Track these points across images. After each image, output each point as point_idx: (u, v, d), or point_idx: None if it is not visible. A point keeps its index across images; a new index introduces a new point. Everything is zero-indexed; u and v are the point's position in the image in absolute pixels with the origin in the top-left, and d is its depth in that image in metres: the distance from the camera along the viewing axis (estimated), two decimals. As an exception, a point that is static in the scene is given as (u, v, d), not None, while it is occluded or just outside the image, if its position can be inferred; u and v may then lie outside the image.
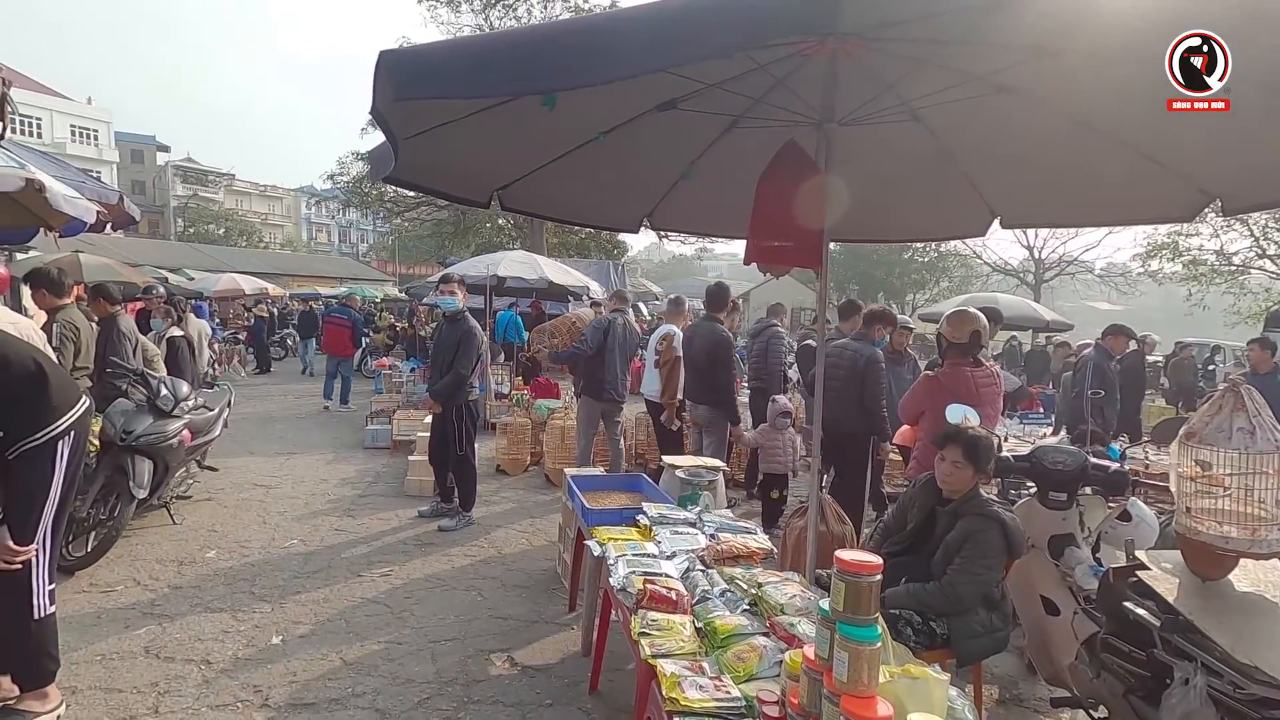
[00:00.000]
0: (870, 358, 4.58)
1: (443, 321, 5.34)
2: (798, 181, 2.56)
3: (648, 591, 2.42)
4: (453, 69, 1.45)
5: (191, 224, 45.95)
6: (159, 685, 2.97)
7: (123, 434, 4.33)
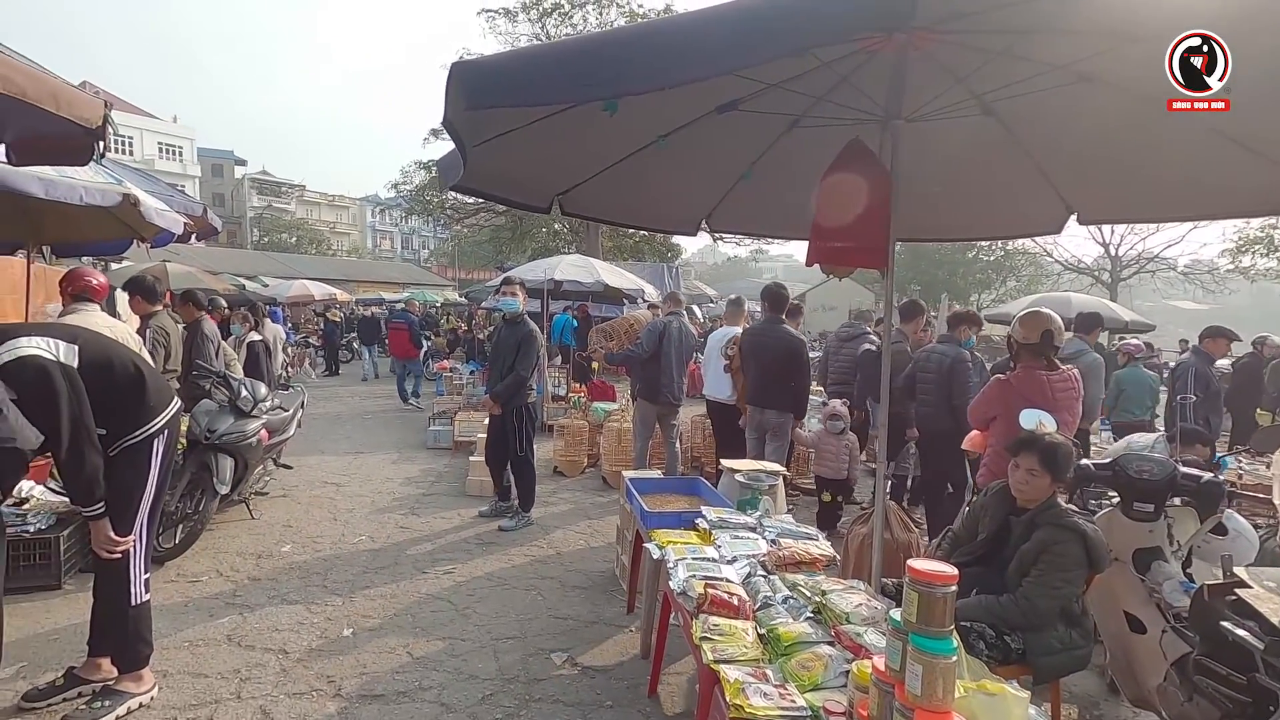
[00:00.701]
0: (956, 358, 4.72)
1: (501, 324, 5.38)
2: (862, 180, 2.50)
3: (709, 596, 2.40)
4: (523, 77, 1.49)
5: (266, 233, 48.35)
6: (241, 672, 3.12)
7: (207, 432, 4.58)
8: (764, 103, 2.78)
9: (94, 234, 5.77)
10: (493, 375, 5.38)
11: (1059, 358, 3.66)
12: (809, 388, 5.12)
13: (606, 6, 19.80)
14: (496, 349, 5.35)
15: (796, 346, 5.05)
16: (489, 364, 5.16)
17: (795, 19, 1.25)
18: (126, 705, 2.75)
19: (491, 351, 5.28)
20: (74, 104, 2.63)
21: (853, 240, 2.47)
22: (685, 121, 2.94)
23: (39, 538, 3.87)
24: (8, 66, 2.31)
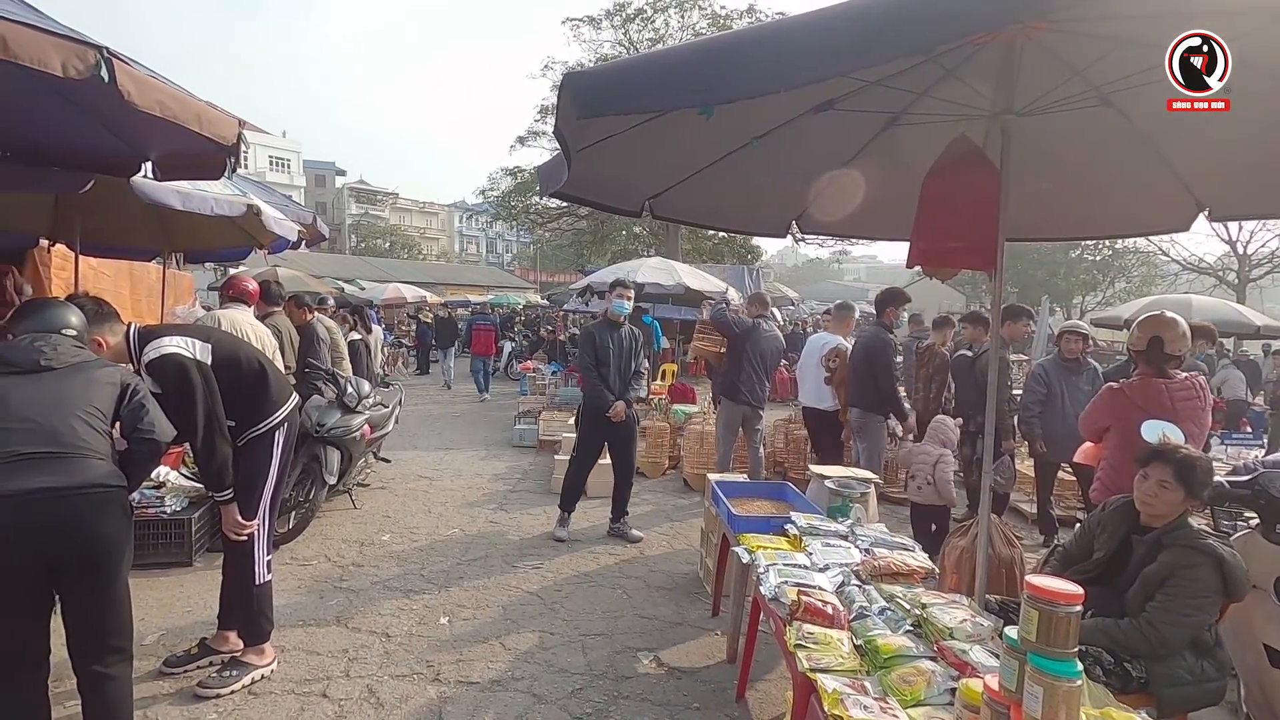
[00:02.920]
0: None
1: (605, 325, 5.16)
2: (969, 178, 2.41)
3: (802, 603, 2.37)
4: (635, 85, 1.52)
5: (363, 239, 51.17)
6: (349, 652, 3.32)
7: (317, 426, 4.90)
8: (862, 101, 2.72)
9: (219, 242, 6.28)
10: (617, 380, 5.04)
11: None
12: (894, 388, 4.95)
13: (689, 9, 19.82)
14: (618, 352, 5.05)
15: (870, 345, 4.98)
16: (603, 366, 4.97)
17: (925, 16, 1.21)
18: (251, 676, 2.98)
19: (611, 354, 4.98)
20: (213, 123, 2.87)
21: (959, 241, 2.37)
22: (779, 123, 2.91)
23: (173, 519, 4.25)
24: (160, 92, 2.55)
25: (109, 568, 2.11)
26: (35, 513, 1.95)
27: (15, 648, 2.05)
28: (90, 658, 2.12)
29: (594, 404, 4.99)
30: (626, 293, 5.20)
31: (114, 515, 2.11)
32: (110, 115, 3.28)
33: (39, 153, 3.73)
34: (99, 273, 6.75)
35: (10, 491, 1.93)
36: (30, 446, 1.98)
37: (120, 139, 3.56)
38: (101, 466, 2.10)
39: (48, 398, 2.05)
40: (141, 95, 2.42)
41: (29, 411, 2.01)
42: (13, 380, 2.04)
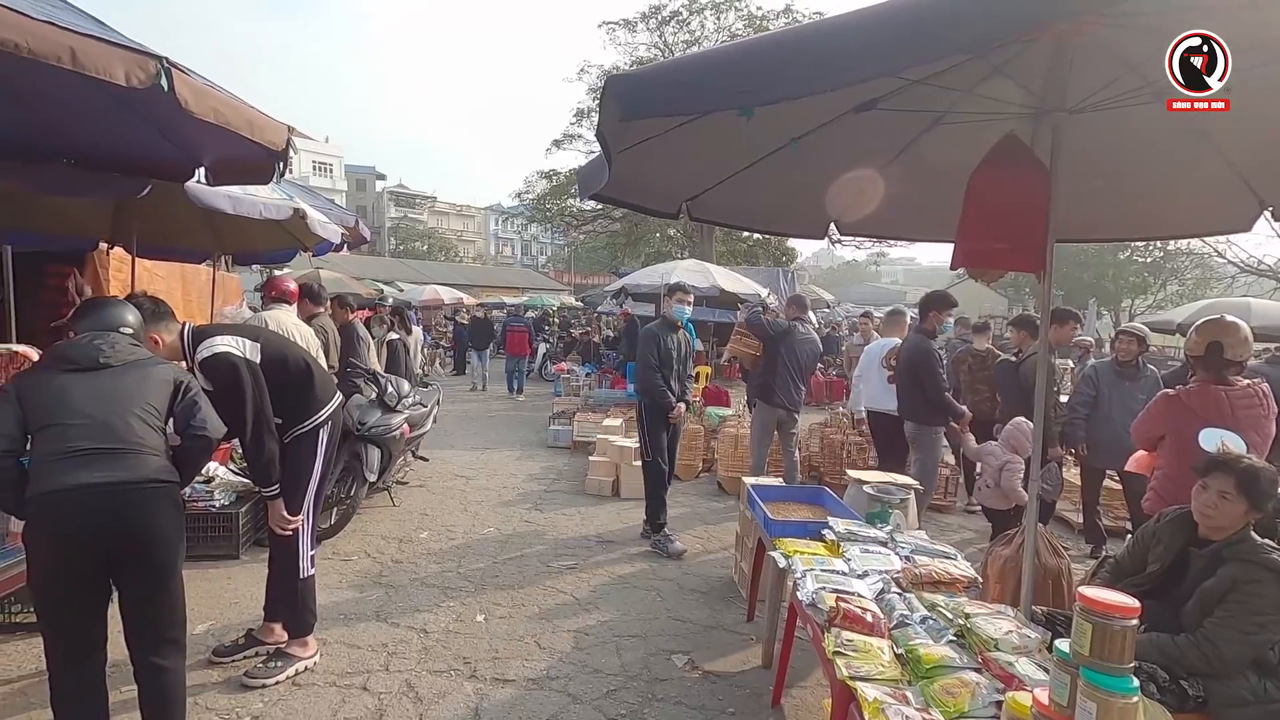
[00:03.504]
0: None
1: (665, 327, 5.08)
2: (1017, 177, 2.35)
3: (841, 610, 2.33)
4: (680, 87, 1.52)
5: (401, 242, 52.15)
6: (388, 646, 3.38)
7: (358, 425, 5.00)
8: (905, 100, 2.67)
9: (266, 244, 6.47)
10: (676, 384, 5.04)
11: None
12: (941, 396, 4.81)
13: (725, 11, 19.76)
14: (678, 355, 5.07)
15: (914, 352, 4.85)
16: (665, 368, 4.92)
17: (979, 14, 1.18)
18: (295, 668, 3.05)
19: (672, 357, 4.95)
20: (264, 130, 2.95)
21: (1006, 242, 2.31)
22: (819, 123, 2.88)
23: (222, 512, 4.38)
24: (215, 99, 2.64)
25: (164, 561, 2.18)
26: (95, 506, 2.03)
27: (78, 635, 2.13)
28: (146, 649, 2.20)
29: (659, 404, 4.95)
30: (686, 297, 5.16)
31: (168, 509, 2.19)
32: (167, 123, 3.41)
33: (101, 159, 3.90)
34: (153, 274, 7.01)
35: (71, 485, 2.01)
36: (90, 442, 2.06)
37: (176, 145, 3.69)
38: (156, 462, 2.17)
39: (106, 394, 2.14)
40: (198, 103, 2.51)
41: (89, 408, 2.09)
42: (73, 377, 2.13)
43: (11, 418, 2.04)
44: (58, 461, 2.02)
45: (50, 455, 2.03)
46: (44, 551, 2.06)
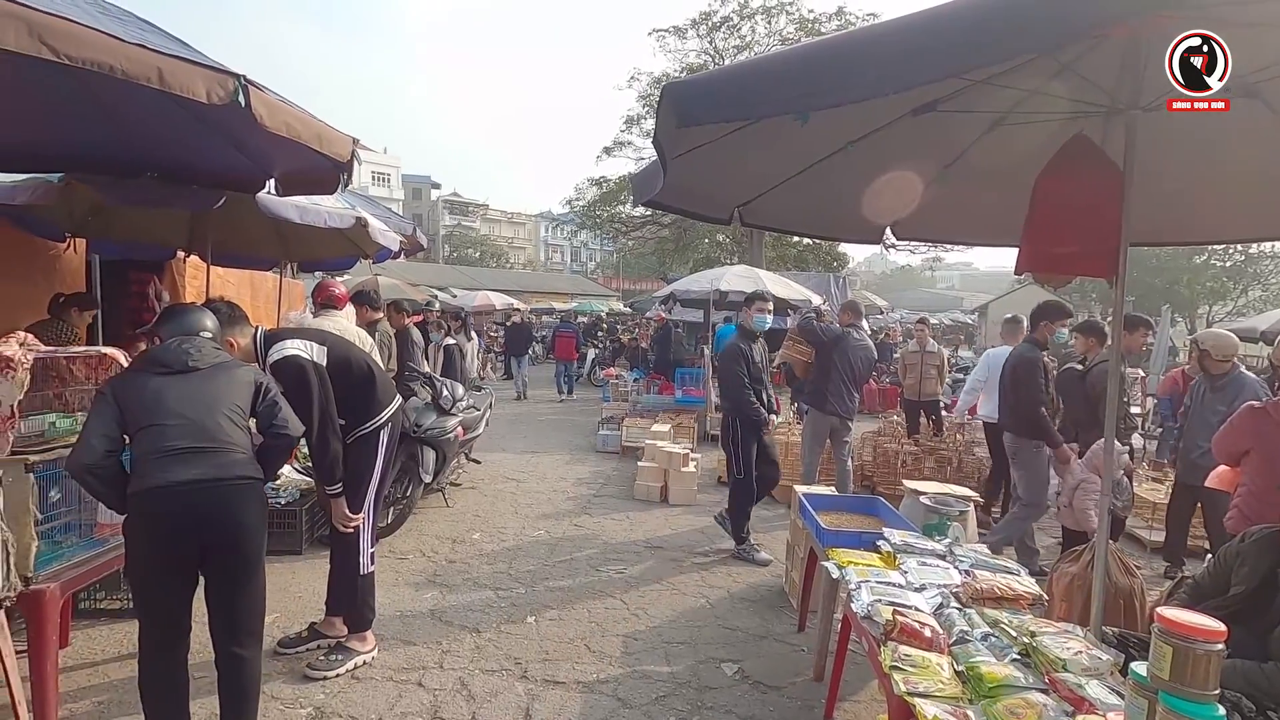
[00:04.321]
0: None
1: (746, 338, 5.02)
2: (1087, 179, 2.26)
3: (898, 623, 2.27)
4: (738, 93, 1.52)
5: (455, 249, 53.41)
6: (442, 644, 3.46)
7: (414, 427, 5.14)
8: (966, 100, 2.60)
9: (329, 252, 6.71)
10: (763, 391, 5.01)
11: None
12: (1036, 408, 4.50)
13: (776, 15, 19.61)
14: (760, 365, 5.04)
15: (1017, 361, 4.62)
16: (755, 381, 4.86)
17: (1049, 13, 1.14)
18: (354, 661, 3.15)
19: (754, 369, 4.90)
20: (331, 142, 3.08)
21: (1075, 246, 2.23)
22: (875, 127, 2.83)
23: (286, 510, 4.56)
24: (287, 114, 2.76)
25: (250, 554, 2.31)
26: (189, 501, 2.16)
27: (170, 622, 2.27)
28: (228, 639, 2.31)
29: (753, 419, 4.84)
30: (766, 306, 5.10)
31: (254, 505, 2.32)
32: (240, 137, 3.59)
33: (181, 173, 4.13)
34: (225, 281, 7.36)
35: (170, 482, 2.14)
36: (185, 441, 2.19)
37: (248, 159, 3.88)
38: (243, 460, 2.30)
39: (196, 396, 2.26)
40: (272, 117, 2.64)
41: (182, 409, 2.22)
42: (166, 380, 2.26)
43: (111, 419, 2.18)
44: (157, 459, 2.15)
45: (150, 454, 2.16)
46: (143, 543, 2.20)
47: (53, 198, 4.25)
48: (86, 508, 2.85)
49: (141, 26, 2.50)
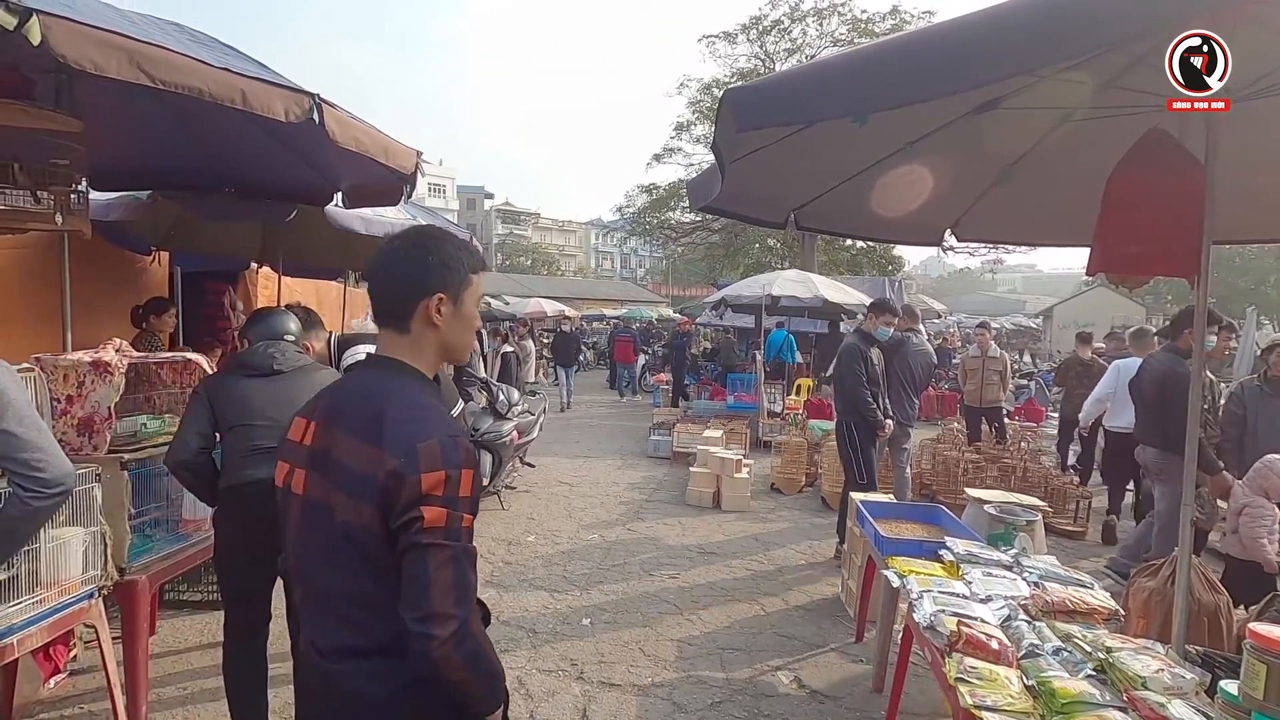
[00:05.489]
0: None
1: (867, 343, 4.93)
2: (1165, 175, 2.17)
3: (963, 634, 2.21)
4: (797, 96, 1.52)
5: (507, 257, 54.47)
6: (499, 644, 3.53)
7: (471, 430, 5.27)
8: (1032, 97, 2.53)
9: (391, 261, 6.95)
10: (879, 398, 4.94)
11: None
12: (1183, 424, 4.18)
13: (828, 16, 19.36)
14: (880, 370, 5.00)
15: (1166, 376, 4.27)
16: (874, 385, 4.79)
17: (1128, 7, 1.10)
18: (416, 657, 3.24)
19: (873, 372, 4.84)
20: (397, 155, 3.21)
21: (1152, 245, 2.13)
22: (936, 126, 2.77)
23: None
24: (357, 129, 2.89)
25: None
26: (272, 499, 2.27)
27: (254, 612, 2.41)
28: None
29: (869, 422, 4.75)
30: (891, 320, 5.01)
31: None
32: (311, 153, 3.77)
33: (255, 188, 4.36)
34: (293, 291, 7.69)
35: (255, 479, 2.27)
36: (269, 441, 2.31)
37: (318, 173, 4.07)
38: None
39: (280, 397, 2.39)
40: (342, 133, 2.77)
41: (268, 410, 2.35)
42: (253, 382, 2.40)
43: (205, 419, 2.32)
44: (245, 458, 2.30)
45: (238, 452, 2.31)
46: (229, 534, 2.36)
47: (141, 213, 4.54)
48: (173, 504, 3.03)
49: (225, 51, 2.66)
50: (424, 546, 1.11)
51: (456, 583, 1.13)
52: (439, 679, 1.14)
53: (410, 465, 1.11)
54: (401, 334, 1.30)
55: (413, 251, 1.30)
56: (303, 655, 1.28)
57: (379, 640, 1.17)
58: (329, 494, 1.20)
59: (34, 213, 2.93)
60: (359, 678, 1.18)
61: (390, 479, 1.12)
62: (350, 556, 1.17)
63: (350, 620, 1.19)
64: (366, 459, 1.15)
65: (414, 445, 1.13)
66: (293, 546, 1.32)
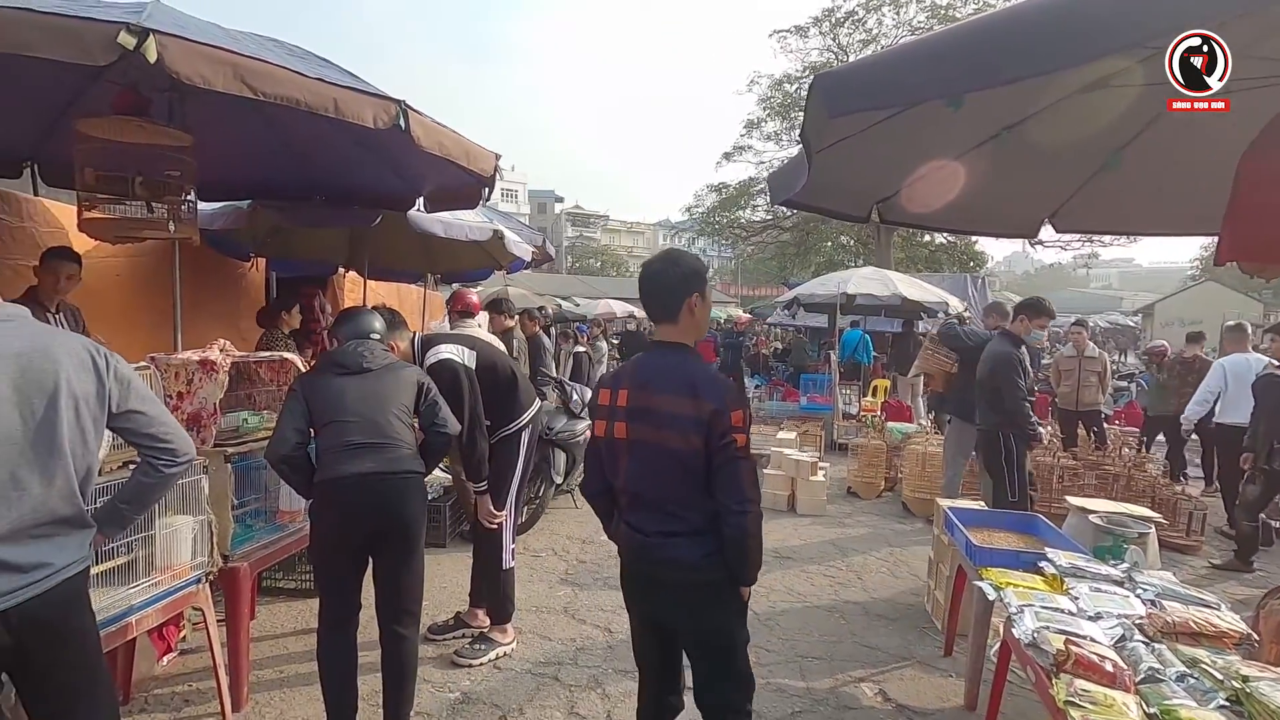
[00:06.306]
0: None
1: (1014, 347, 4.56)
2: (1310, 152, 1.95)
3: (1072, 654, 2.05)
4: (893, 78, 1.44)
5: (577, 259, 55.27)
6: (576, 641, 3.55)
7: (546, 429, 5.33)
8: (1147, 73, 2.33)
9: (468, 264, 7.15)
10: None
11: None
12: None
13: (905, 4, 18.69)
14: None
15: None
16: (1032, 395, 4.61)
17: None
18: (496, 652, 3.30)
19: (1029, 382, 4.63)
20: (477, 158, 3.28)
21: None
22: (1037, 109, 2.60)
23: (431, 505, 4.87)
24: (440, 134, 2.97)
25: (413, 541, 2.52)
26: (365, 492, 2.38)
27: (346, 600, 2.51)
28: (391, 619, 2.51)
29: (1029, 433, 4.43)
30: (1045, 322, 4.67)
31: (418, 497, 2.53)
32: (396, 159, 3.90)
33: (343, 195, 4.56)
34: (376, 294, 8.02)
35: (349, 474, 2.37)
36: (361, 437, 2.41)
37: (401, 179, 4.21)
38: (409, 455, 2.51)
39: (370, 395, 2.48)
40: (427, 138, 2.84)
41: (359, 407, 2.45)
42: (345, 380, 2.50)
43: (301, 415, 2.44)
44: (338, 453, 2.40)
45: (332, 448, 2.41)
46: (324, 526, 2.46)
47: (242, 221, 4.83)
48: (270, 496, 3.19)
49: (319, 63, 2.78)
50: (736, 459, 1.78)
51: (755, 480, 1.85)
52: (739, 543, 1.83)
53: (725, 407, 1.77)
54: (673, 324, 1.94)
55: (671, 268, 1.92)
56: (624, 536, 2.00)
57: (692, 525, 1.85)
58: (659, 433, 1.83)
59: (150, 221, 3.14)
60: (677, 548, 1.86)
61: (714, 416, 1.76)
62: (675, 472, 1.83)
63: (671, 513, 1.86)
64: (690, 406, 1.78)
65: (723, 394, 1.80)
66: (622, 471, 1.94)
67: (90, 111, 3.03)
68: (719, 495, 1.81)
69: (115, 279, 4.64)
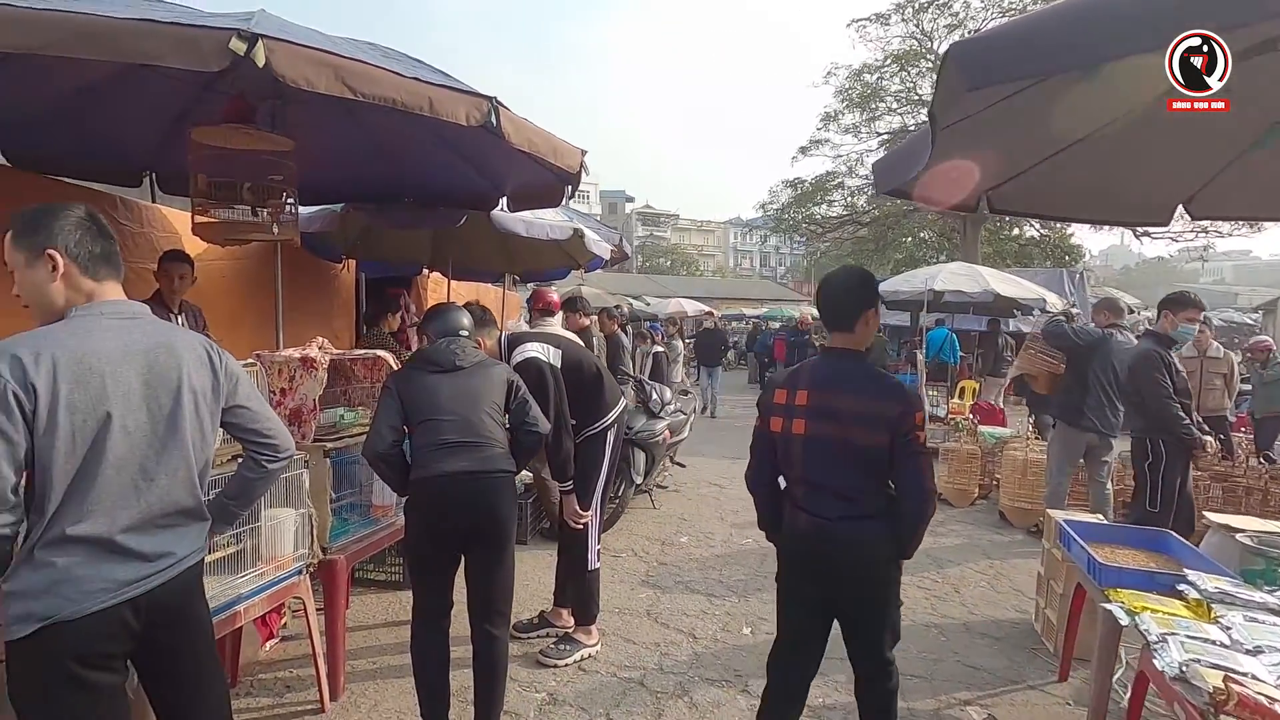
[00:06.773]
0: None
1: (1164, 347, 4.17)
2: None
3: (1234, 694, 1.81)
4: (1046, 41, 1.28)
5: (648, 259, 55.43)
6: (660, 646, 3.47)
7: (625, 429, 5.28)
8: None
9: (547, 263, 7.20)
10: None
11: None
12: None
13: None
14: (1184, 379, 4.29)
15: None
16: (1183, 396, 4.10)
17: None
18: (580, 653, 3.27)
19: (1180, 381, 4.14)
20: (564, 154, 3.24)
21: None
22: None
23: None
24: (529, 130, 2.94)
25: (505, 540, 2.51)
26: (459, 490, 2.38)
27: (439, 596, 2.52)
28: (483, 618, 2.50)
29: (1184, 437, 3.96)
30: (1194, 315, 4.23)
31: (509, 496, 2.52)
32: (480, 159, 3.92)
33: (429, 196, 4.64)
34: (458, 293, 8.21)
35: (443, 472, 2.38)
36: (455, 435, 2.42)
37: (485, 178, 4.24)
38: (501, 454, 2.50)
39: (462, 393, 2.48)
40: (516, 134, 2.82)
41: (452, 405, 2.46)
42: (437, 378, 2.51)
43: (395, 413, 2.46)
44: (433, 451, 2.41)
45: (428, 446, 2.42)
46: (419, 523, 2.49)
47: (335, 224, 5.00)
48: (364, 491, 3.26)
49: (413, 63, 2.80)
50: (918, 454, 2.02)
51: (932, 472, 2.10)
52: (915, 527, 2.10)
53: (910, 408, 2.02)
54: (849, 333, 2.13)
55: (852, 282, 2.17)
56: (804, 522, 2.15)
57: (867, 510, 2.07)
58: (846, 431, 2.03)
59: (256, 225, 3.27)
60: (860, 529, 2.07)
61: (901, 416, 2.00)
62: (857, 466, 2.06)
63: (849, 500, 2.07)
64: (876, 407, 2.02)
65: (906, 396, 2.07)
66: (799, 463, 2.14)
67: (202, 121, 3.18)
68: (902, 484, 2.07)
69: (221, 280, 4.89)
